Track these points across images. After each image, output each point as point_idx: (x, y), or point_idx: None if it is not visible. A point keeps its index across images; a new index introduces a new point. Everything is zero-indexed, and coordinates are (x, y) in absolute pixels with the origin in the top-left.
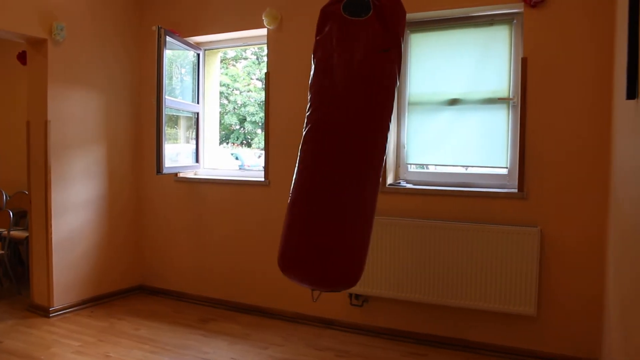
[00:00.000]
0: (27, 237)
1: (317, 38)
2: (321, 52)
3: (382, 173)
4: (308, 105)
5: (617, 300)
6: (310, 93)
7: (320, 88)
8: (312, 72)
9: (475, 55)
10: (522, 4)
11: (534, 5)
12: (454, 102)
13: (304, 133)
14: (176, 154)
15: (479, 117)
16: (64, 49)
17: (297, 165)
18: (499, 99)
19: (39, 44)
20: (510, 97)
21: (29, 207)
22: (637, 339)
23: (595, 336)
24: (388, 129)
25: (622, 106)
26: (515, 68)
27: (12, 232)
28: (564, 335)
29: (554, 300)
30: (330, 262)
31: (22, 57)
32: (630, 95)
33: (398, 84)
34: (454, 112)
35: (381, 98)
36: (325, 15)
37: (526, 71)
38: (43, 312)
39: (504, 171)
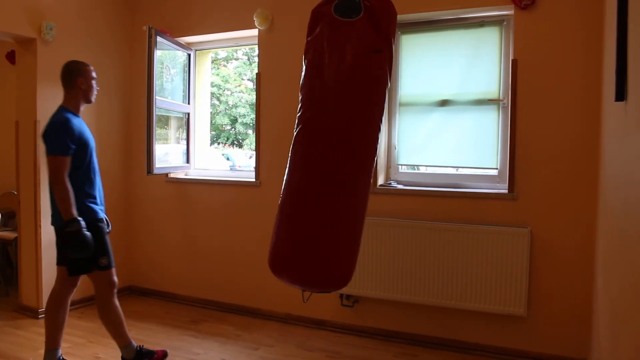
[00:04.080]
0: (15, 237)
1: (308, 39)
2: (312, 53)
3: (373, 173)
4: (299, 106)
5: (606, 301)
6: (301, 94)
7: (311, 89)
8: (303, 73)
9: (466, 56)
10: (512, 6)
11: (524, 8)
12: (444, 103)
13: (294, 133)
14: (167, 155)
15: (470, 118)
16: (54, 48)
17: (287, 165)
18: (489, 100)
19: (28, 44)
20: (501, 98)
21: (18, 208)
22: (625, 339)
23: (584, 336)
24: (379, 129)
25: (611, 108)
26: (505, 69)
27: (0, 233)
28: (554, 336)
29: (544, 301)
30: (319, 262)
31: (10, 57)
32: (619, 97)
33: (389, 85)
34: (445, 113)
35: (372, 98)
36: (316, 16)
37: (516, 73)
38: (32, 313)
39: (494, 172)
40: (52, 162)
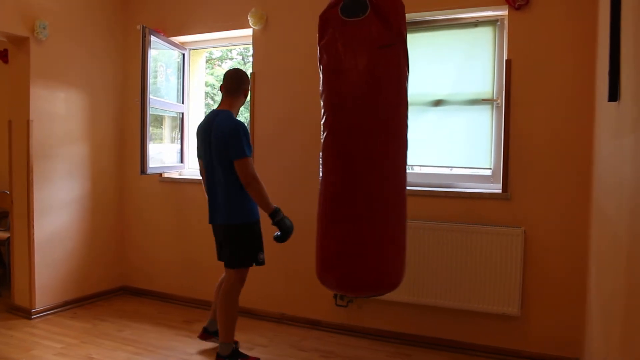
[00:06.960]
0: (8, 237)
1: (320, 44)
2: (327, 57)
3: (406, 170)
4: (322, 112)
5: (599, 301)
6: (322, 100)
7: (332, 93)
8: (321, 79)
9: (460, 56)
10: (506, 6)
11: (518, 8)
12: (438, 103)
13: (322, 140)
14: (160, 154)
15: (464, 118)
16: (47, 47)
17: (320, 172)
18: (483, 100)
19: (21, 42)
20: (494, 98)
21: (11, 207)
22: (616, 339)
23: (577, 336)
24: (406, 125)
25: (604, 108)
26: (499, 69)
27: None
28: (547, 335)
29: (537, 300)
30: (371, 266)
31: (3, 56)
32: (612, 97)
33: (408, 77)
34: (439, 113)
35: (392, 94)
36: (325, 21)
37: (510, 73)
38: (24, 313)
39: (488, 172)
40: (246, 164)
